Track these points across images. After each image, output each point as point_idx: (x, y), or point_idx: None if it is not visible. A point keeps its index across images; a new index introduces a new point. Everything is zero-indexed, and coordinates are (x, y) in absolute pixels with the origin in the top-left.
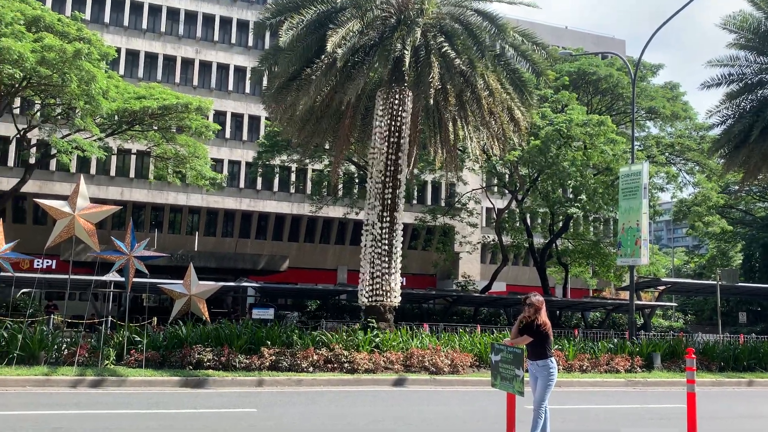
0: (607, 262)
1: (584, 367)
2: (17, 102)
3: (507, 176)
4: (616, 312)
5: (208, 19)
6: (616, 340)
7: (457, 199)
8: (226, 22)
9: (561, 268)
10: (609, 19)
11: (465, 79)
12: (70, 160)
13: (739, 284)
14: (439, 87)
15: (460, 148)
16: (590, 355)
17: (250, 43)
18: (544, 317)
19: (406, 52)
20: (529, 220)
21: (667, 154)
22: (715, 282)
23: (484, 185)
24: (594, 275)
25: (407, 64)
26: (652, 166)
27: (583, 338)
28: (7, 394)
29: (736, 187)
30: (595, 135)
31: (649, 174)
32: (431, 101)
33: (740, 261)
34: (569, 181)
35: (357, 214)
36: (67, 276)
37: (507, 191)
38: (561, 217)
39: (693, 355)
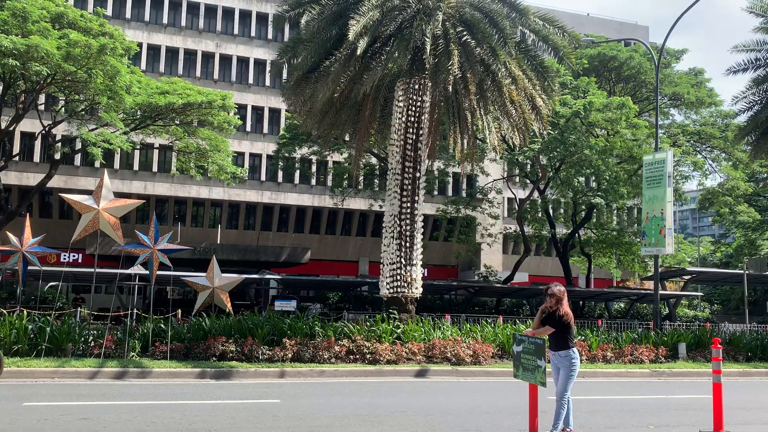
0: (632, 251)
1: (608, 358)
2: (41, 98)
3: (528, 166)
4: (641, 302)
5: (228, 13)
6: (640, 330)
7: (479, 190)
8: (245, 15)
9: (584, 259)
10: (631, 5)
11: (485, 68)
12: (100, 153)
13: (767, 273)
14: (459, 76)
15: (481, 139)
16: (614, 345)
17: (270, 35)
18: (565, 307)
19: (426, 39)
20: (551, 210)
21: (692, 142)
22: (742, 271)
23: (505, 175)
24: (618, 265)
25: (427, 52)
26: (676, 150)
27: (606, 328)
28: (36, 385)
29: (764, 175)
30: (617, 120)
31: (675, 161)
32: (450, 90)
33: None
34: (589, 169)
35: (380, 207)
36: (92, 269)
37: (529, 181)
38: (584, 207)
39: (719, 345)
